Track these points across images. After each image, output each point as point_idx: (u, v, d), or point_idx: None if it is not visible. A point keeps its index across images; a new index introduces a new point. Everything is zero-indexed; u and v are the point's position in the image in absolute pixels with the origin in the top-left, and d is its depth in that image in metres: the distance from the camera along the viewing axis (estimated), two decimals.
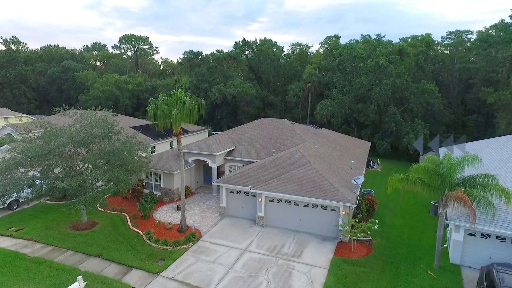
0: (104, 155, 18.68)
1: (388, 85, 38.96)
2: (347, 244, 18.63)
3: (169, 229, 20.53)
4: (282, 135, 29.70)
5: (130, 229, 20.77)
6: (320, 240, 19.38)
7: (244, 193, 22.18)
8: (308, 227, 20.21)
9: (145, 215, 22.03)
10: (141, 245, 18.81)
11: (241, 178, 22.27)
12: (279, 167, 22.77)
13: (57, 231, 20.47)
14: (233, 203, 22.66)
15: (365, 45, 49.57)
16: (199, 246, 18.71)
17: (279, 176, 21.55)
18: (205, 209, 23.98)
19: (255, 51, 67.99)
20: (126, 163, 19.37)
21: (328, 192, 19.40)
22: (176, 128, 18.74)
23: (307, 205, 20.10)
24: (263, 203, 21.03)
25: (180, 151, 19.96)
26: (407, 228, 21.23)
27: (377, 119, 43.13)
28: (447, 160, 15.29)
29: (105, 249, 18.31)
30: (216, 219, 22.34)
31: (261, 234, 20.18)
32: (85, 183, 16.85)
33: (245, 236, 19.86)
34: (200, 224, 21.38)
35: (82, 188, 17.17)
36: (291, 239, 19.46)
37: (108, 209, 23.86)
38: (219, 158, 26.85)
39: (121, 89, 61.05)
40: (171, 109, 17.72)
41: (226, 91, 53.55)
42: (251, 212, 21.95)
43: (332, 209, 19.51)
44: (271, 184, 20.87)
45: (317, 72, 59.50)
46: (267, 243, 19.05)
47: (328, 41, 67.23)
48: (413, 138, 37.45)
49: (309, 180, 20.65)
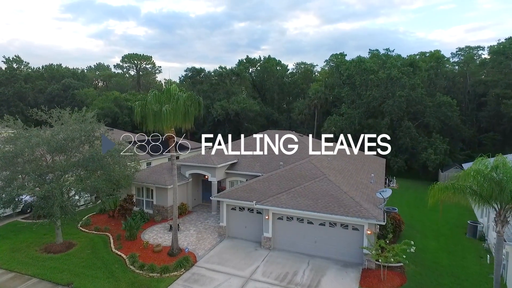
0: (83, 161, 15.77)
1: (402, 97, 36.35)
2: (375, 272, 15.14)
3: (158, 252, 17.17)
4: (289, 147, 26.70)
5: (112, 252, 17.45)
6: (341, 266, 15.90)
7: (248, 210, 18.94)
8: (325, 250, 16.79)
9: (131, 235, 18.73)
10: (123, 271, 15.44)
11: (244, 192, 19.12)
12: (289, 180, 19.66)
13: (24, 254, 17.17)
14: (235, 221, 19.36)
15: (373, 59, 47.57)
16: (193, 274, 15.30)
17: (289, 189, 18.39)
18: (203, 229, 20.64)
19: (259, 68, 66.56)
20: (108, 171, 16.39)
21: (349, 208, 16.16)
22: (167, 130, 15.90)
23: (323, 223, 16.80)
24: (270, 222, 17.74)
25: (173, 160, 16.98)
26: (444, 252, 17.71)
27: (391, 135, 40.14)
28: (503, 164, 12.16)
29: (78, 277, 14.96)
30: (215, 240, 18.97)
31: (268, 259, 16.75)
32: (54, 193, 13.80)
33: (249, 261, 16.44)
34: (195, 247, 18.01)
35: (50, 199, 14.10)
36: (305, 266, 16.01)
37: (91, 229, 20.62)
38: (219, 171, 23.80)
39: (121, 106, 58.96)
40: (162, 106, 14.98)
41: (229, 107, 51.24)
42: (256, 232, 18.60)
43: (354, 228, 16.18)
44: (279, 198, 17.69)
45: (323, 89, 57.42)
46: (275, 270, 15.60)
47: (333, 59, 65.81)
48: (432, 153, 34.29)
49: (325, 193, 17.47)
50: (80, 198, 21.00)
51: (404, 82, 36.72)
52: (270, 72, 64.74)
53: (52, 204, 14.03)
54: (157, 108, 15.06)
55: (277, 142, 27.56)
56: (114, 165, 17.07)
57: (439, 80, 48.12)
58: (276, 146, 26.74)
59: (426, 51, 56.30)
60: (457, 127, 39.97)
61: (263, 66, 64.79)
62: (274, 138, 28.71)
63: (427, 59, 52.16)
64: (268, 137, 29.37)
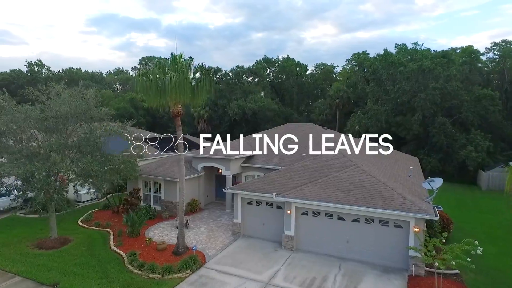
0: (77, 142, 13.70)
1: (436, 90, 32.92)
2: (425, 280, 12.11)
3: (162, 250, 14.78)
4: (313, 139, 23.94)
5: (110, 249, 15.21)
6: (380, 272, 12.94)
7: (266, 204, 16.31)
8: (360, 252, 13.87)
9: (134, 232, 16.46)
10: (119, 271, 13.11)
11: (262, 184, 16.55)
12: (314, 171, 16.95)
13: (14, 249, 15.19)
14: (252, 218, 16.75)
15: (401, 54, 44.30)
16: (200, 276, 12.76)
17: (315, 180, 15.67)
18: (215, 227, 18.15)
19: (277, 69, 64.32)
20: (104, 154, 14.27)
21: (389, 200, 13.26)
22: (173, 105, 13.63)
23: (357, 219, 13.93)
24: (293, 217, 15.03)
25: (180, 144, 14.60)
26: (507, 257, 14.42)
27: (422, 132, 36.64)
28: None
29: (67, 276, 12.74)
30: (228, 239, 16.41)
31: (291, 261, 14.01)
32: (37, 175, 11.71)
33: (267, 264, 13.75)
34: (205, 246, 15.50)
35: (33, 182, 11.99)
36: (336, 270, 13.15)
37: (91, 224, 18.56)
38: (234, 164, 21.34)
39: (136, 107, 58.08)
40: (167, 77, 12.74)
41: (246, 106, 49.03)
42: (276, 230, 15.92)
43: (396, 224, 13.23)
44: (303, 190, 14.99)
45: (345, 88, 54.40)
46: (300, 274, 12.84)
47: (355, 58, 62.79)
48: (472, 151, 30.57)
49: (359, 184, 14.64)
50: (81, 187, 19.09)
51: (438, 73, 33.34)
52: (289, 72, 62.35)
53: (34, 187, 11.94)
54: (161, 80, 12.83)
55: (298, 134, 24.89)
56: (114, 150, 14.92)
57: (473, 75, 44.17)
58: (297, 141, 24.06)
59: (456, 47, 52.47)
60: (499, 123, 35.91)
61: (282, 66, 62.51)
62: (295, 131, 26.07)
63: (459, 54, 48.38)
64: (288, 129, 26.82)
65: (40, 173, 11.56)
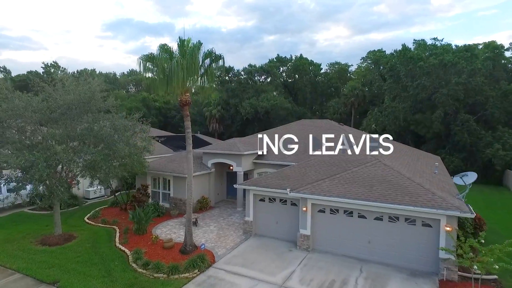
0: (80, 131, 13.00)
1: (459, 85, 31.15)
2: (460, 286, 10.78)
3: (169, 248, 13.90)
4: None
5: (115, 246, 14.45)
6: (407, 276, 11.68)
7: (280, 201, 15.25)
8: (383, 253, 12.63)
9: (140, 229, 15.66)
10: (122, 269, 12.28)
11: (275, 180, 15.51)
12: (331, 165, 15.80)
13: (17, 245, 14.61)
14: (264, 216, 15.71)
15: (420, 50, 42.50)
16: (209, 276, 11.79)
17: (333, 175, 14.52)
18: (225, 226, 17.19)
19: (290, 68, 63.18)
20: (109, 144, 13.51)
21: (417, 196, 12.00)
22: (181, 94, 12.76)
23: (380, 217, 12.70)
24: (309, 215, 13.90)
25: (188, 135, 13.73)
26: None
27: (443, 130, 34.83)
28: None
29: (68, 274, 11.99)
30: (239, 238, 15.41)
31: (307, 262, 12.88)
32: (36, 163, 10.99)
33: (281, 264, 12.68)
34: (214, 245, 14.55)
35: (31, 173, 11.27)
36: (357, 273, 11.96)
37: (97, 221, 17.90)
38: (246, 160, 20.37)
39: (148, 106, 58.01)
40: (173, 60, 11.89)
41: (258, 105, 48.07)
42: (290, 229, 14.83)
43: (424, 223, 11.94)
44: (321, 185, 13.86)
45: (360, 86, 52.82)
46: (317, 276, 11.71)
47: (371, 56, 61.08)
48: (500, 149, 28.69)
49: (381, 179, 13.42)
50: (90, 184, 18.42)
51: (461, 67, 31.56)
52: (302, 71, 61.11)
53: (33, 178, 11.24)
54: (168, 62, 11.97)
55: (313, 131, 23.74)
56: (119, 141, 14.16)
57: (498, 71, 41.96)
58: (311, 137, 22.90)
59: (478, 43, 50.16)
60: None
61: (295, 65, 61.35)
62: (309, 127, 24.95)
63: (482, 50, 46.17)
64: (302, 126, 25.73)
65: (40, 163, 10.85)
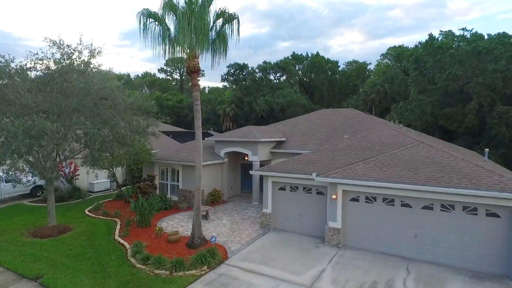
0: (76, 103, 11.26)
1: (497, 73, 28.26)
2: None
3: (174, 242, 11.93)
4: (355, 123, 20.51)
5: (114, 239, 12.58)
6: (469, 278, 9.25)
7: (304, 190, 13.06)
8: (435, 250, 10.24)
9: (143, 221, 13.78)
10: (118, 264, 10.36)
11: (298, 164, 13.36)
12: (364, 149, 13.54)
13: (6, 237, 12.95)
14: (285, 207, 13.53)
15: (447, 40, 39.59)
16: (220, 274, 9.70)
17: (368, 158, 12.27)
18: (239, 220, 15.11)
19: (306, 66, 61.03)
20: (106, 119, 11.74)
21: (478, 179, 9.62)
22: (189, 59, 10.86)
23: (430, 205, 10.33)
24: (339, 204, 11.65)
25: (197, 104, 11.74)
26: None
27: (477, 124, 31.80)
28: None
29: (55, 268, 10.15)
30: (256, 233, 13.28)
31: (338, 259, 10.62)
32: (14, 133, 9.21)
33: (307, 262, 10.46)
34: (227, 239, 12.48)
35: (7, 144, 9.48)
36: (403, 273, 9.62)
37: (98, 214, 16.15)
38: (263, 148, 18.31)
39: (161, 105, 56.83)
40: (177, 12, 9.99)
41: (273, 101, 46.06)
42: (316, 222, 12.61)
43: (489, 213, 9.52)
44: (354, 169, 11.63)
45: (382, 81, 50.12)
46: (353, 277, 9.44)
47: (391, 52, 58.42)
48: None
49: (429, 161, 11.09)
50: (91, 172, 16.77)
51: (499, 53, 28.67)
52: (319, 69, 58.86)
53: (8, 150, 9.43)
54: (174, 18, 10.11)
55: (336, 120, 21.55)
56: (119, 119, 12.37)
57: None
58: (335, 124, 20.70)
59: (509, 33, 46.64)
60: None
61: (311, 62, 59.20)
62: (332, 116, 22.75)
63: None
64: (323, 115, 23.55)
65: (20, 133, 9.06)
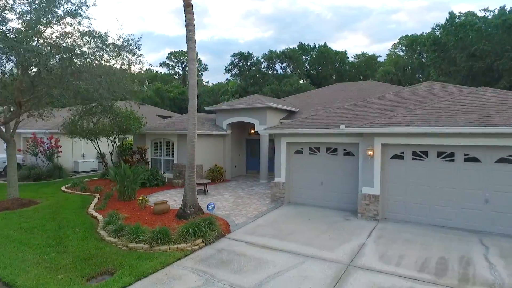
0: None
1: None
2: None
3: (161, 213, 9.22)
4: (378, 93, 17.72)
5: (86, 213, 9.89)
6: None
7: (327, 152, 10.28)
8: None
9: (126, 192, 11.13)
10: (82, 238, 7.66)
11: (320, 120, 10.62)
12: (402, 102, 10.79)
13: None
14: (303, 175, 10.75)
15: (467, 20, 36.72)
16: (220, 250, 6.96)
17: (413, 109, 9.51)
18: (245, 195, 12.36)
19: (313, 57, 58.39)
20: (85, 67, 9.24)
21: None
22: None
23: (509, 157, 7.53)
24: (377, 163, 8.84)
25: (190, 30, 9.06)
26: None
27: None
28: None
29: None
30: (266, 207, 10.52)
31: (381, 233, 7.82)
32: None
33: (338, 236, 7.67)
34: (230, 213, 9.73)
35: None
36: (480, 248, 6.79)
37: (76, 190, 13.51)
38: (272, 117, 15.58)
39: (162, 97, 54.56)
40: None
41: (280, 90, 43.43)
42: (344, 192, 9.83)
43: None
44: (396, 118, 8.86)
45: (394, 70, 47.37)
46: (409, 253, 6.62)
47: (403, 41, 55.74)
48: None
49: (500, 103, 8.31)
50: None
51: None
52: (327, 59, 56.26)
53: None
54: None
55: (353, 92, 18.81)
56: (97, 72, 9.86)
57: None
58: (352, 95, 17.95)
59: None
60: None
61: (319, 52, 56.59)
62: (349, 88, 20.01)
63: None
64: (338, 88, 20.82)
65: None
